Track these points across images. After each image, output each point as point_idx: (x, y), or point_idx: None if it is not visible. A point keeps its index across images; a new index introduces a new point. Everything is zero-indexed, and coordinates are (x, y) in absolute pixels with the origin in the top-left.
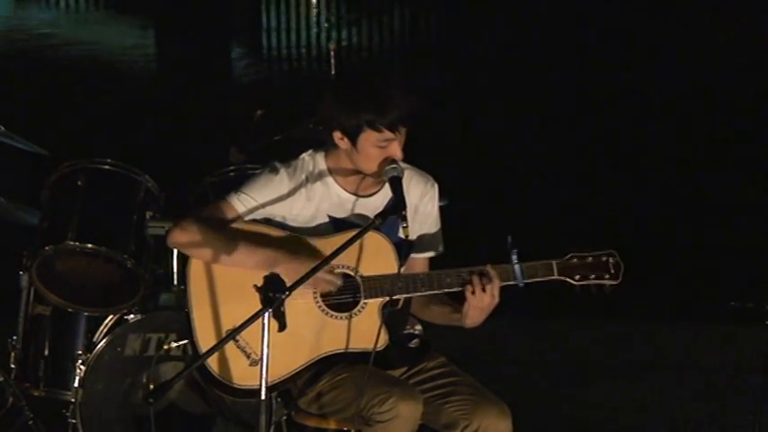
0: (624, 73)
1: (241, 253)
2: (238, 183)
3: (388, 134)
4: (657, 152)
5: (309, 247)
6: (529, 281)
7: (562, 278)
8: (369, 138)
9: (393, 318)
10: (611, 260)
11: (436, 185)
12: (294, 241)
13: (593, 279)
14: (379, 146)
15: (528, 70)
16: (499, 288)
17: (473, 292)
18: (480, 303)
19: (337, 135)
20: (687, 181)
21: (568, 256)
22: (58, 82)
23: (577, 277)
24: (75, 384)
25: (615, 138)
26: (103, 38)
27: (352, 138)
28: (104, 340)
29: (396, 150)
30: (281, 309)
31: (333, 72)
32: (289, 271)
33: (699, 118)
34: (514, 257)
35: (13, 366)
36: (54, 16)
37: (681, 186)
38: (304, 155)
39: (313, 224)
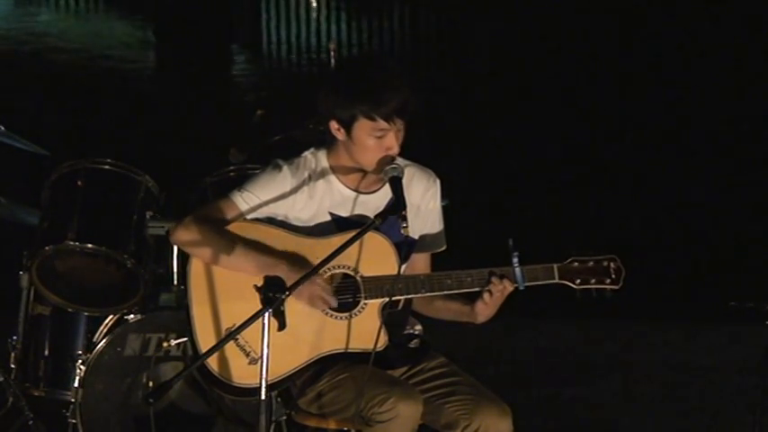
0: (626, 73)
1: (241, 257)
2: (238, 183)
3: (382, 123)
4: (658, 152)
5: (310, 250)
6: (529, 284)
7: (563, 282)
8: (363, 127)
9: (393, 318)
10: (612, 265)
11: (438, 181)
12: (295, 243)
13: (594, 284)
14: (374, 136)
15: (530, 70)
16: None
17: (491, 292)
18: (496, 302)
19: (333, 125)
20: (687, 181)
21: (569, 259)
22: (59, 82)
23: (578, 281)
24: (75, 384)
25: (616, 138)
26: (103, 38)
27: (348, 127)
28: (104, 340)
29: (391, 141)
30: (281, 308)
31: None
32: (288, 279)
33: (699, 117)
34: (515, 260)
35: (13, 366)
36: (54, 16)
37: (681, 186)
38: (306, 153)
39: (315, 222)
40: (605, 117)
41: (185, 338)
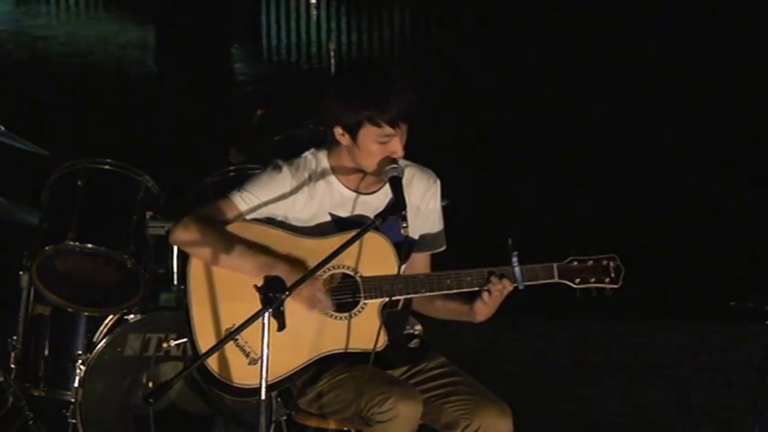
0: (626, 73)
1: (240, 257)
2: (238, 183)
3: (388, 130)
4: (658, 152)
5: (309, 250)
6: (529, 283)
7: (562, 281)
8: (369, 133)
9: (393, 318)
10: (611, 264)
11: (438, 181)
12: (294, 243)
13: (594, 283)
14: (379, 141)
15: (530, 71)
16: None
17: (489, 292)
18: (495, 301)
19: (338, 131)
20: (688, 181)
21: (569, 259)
22: (58, 82)
23: (578, 281)
24: (75, 384)
25: (617, 138)
26: (103, 37)
27: (353, 133)
28: (104, 340)
29: (396, 146)
30: (281, 308)
31: (333, 72)
32: (287, 279)
33: (698, 118)
34: (515, 260)
35: (13, 366)
36: (54, 16)
37: (681, 186)
38: (307, 153)
39: (314, 223)
40: (605, 116)
41: (185, 338)
